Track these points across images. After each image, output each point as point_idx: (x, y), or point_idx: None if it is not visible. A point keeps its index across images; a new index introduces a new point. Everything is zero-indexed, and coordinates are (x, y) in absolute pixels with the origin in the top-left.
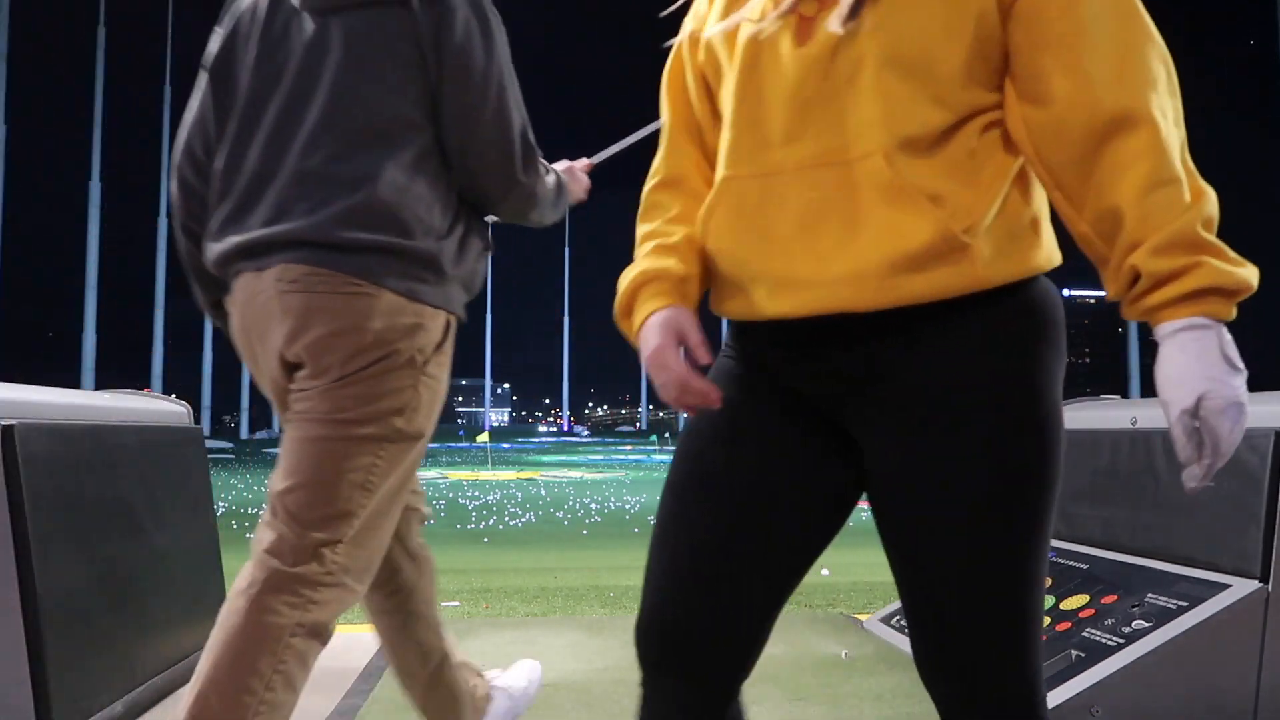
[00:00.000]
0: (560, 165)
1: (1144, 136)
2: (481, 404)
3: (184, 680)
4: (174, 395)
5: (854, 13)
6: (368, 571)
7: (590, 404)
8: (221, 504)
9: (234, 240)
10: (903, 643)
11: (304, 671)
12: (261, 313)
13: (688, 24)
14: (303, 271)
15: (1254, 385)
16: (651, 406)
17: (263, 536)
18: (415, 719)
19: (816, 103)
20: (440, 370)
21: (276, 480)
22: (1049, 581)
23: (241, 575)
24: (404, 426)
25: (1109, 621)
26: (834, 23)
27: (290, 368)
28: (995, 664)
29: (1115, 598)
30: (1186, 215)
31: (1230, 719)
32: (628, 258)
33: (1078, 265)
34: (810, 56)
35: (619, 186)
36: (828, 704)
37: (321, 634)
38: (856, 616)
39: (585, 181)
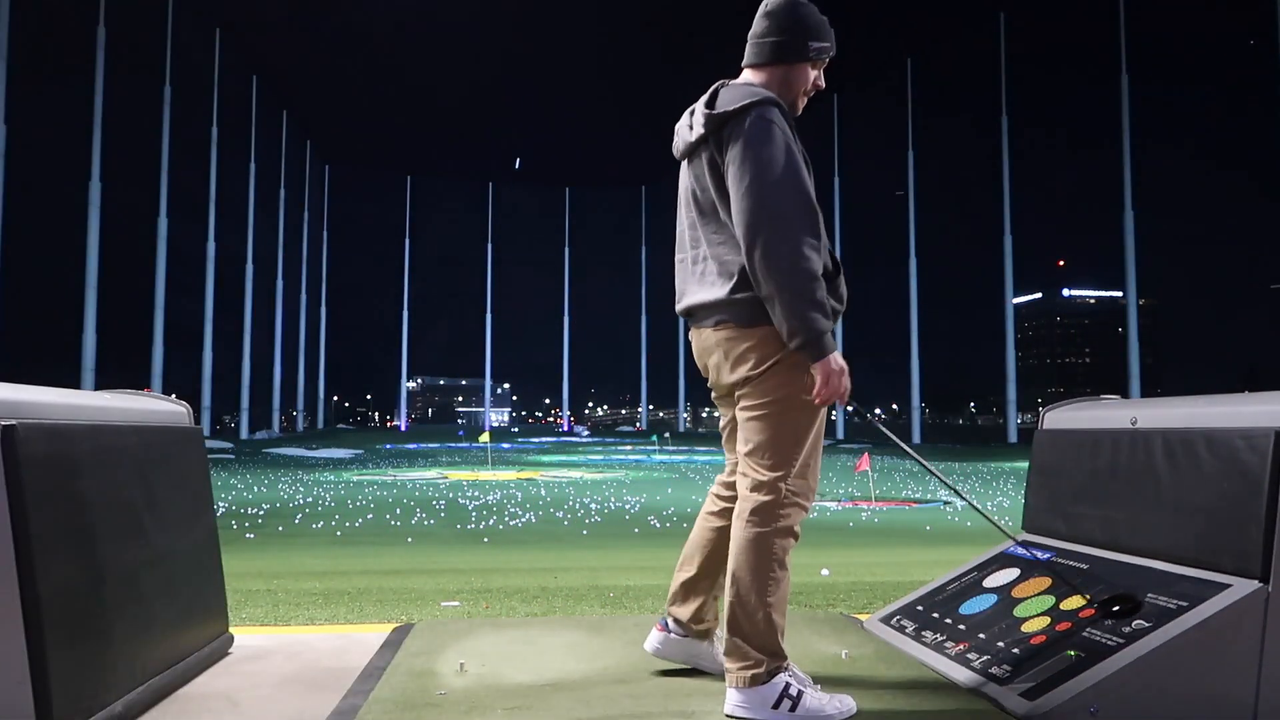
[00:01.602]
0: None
1: None
2: (481, 404)
3: (184, 680)
4: (174, 395)
5: None
6: (811, 492)
7: (590, 404)
8: (221, 504)
9: None
10: (903, 643)
11: (788, 558)
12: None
13: None
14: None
15: (1254, 385)
16: (651, 406)
17: (742, 483)
18: (415, 719)
19: None
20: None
21: (741, 445)
22: (1048, 582)
23: (738, 506)
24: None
25: (1109, 621)
26: None
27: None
28: None
29: None
30: None
31: (1230, 719)
32: (627, 258)
33: (1077, 266)
34: None
35: (619, 187)
36: None
37: (792, 534)
38: (856, 616)
39: (840, 380)
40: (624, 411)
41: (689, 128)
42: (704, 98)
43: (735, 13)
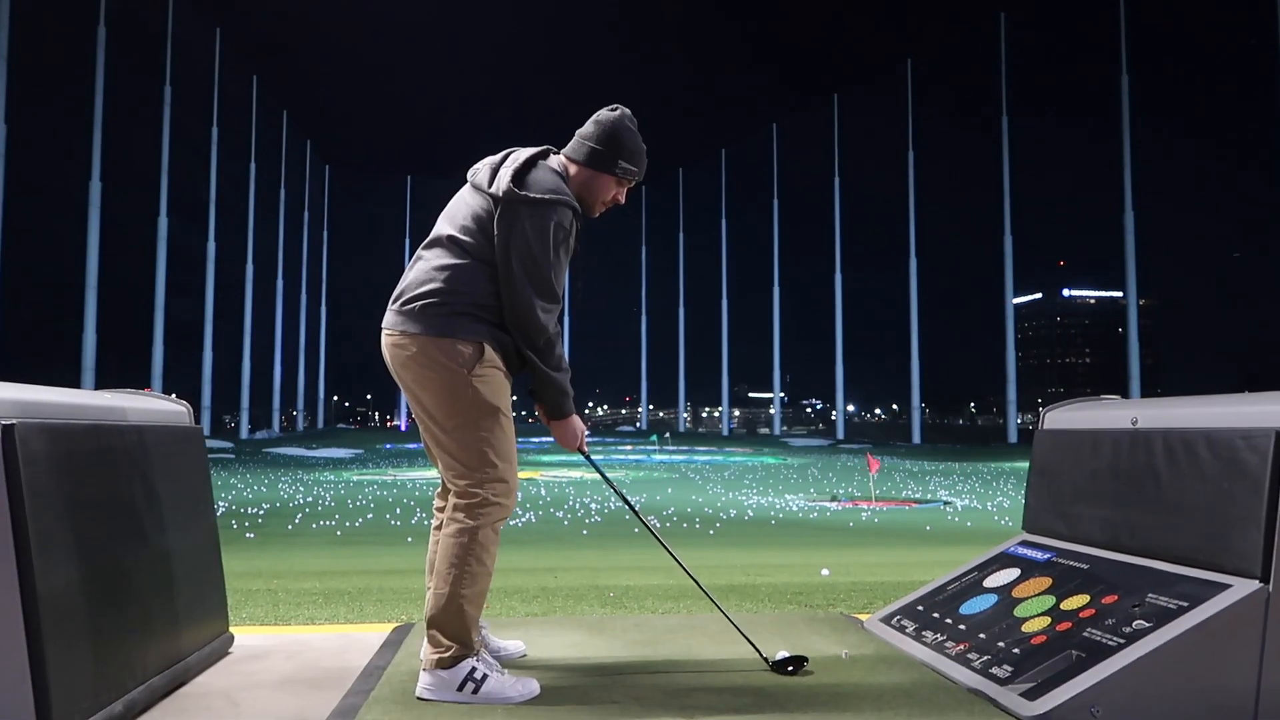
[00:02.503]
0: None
1: None
2: None
3: (184, 680)
4: (174, 395)
5: None
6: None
7: (591, 404)
8: (221, 504)
9: None
10: (903, 643)
11: (485, 555)
12: None
13: None
14: None
15: (1254, 385)
16: (651, 406)
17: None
18: (415, 719)
19: None
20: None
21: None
22: (1049, 582)
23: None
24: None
25: (1110, 621)
26: None
27: None
28: None
29: (1116, 598)
30: None
31: (1230, 719)
32: (629, 260)
33: (1077, 266)
34: None
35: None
36: (828, 704)
37: (490, 531)
38: (856, 616)
39: (576, 439)
40: (624, 411)
41: (492, 174)
42: (515, 162)
43: (730, 19)
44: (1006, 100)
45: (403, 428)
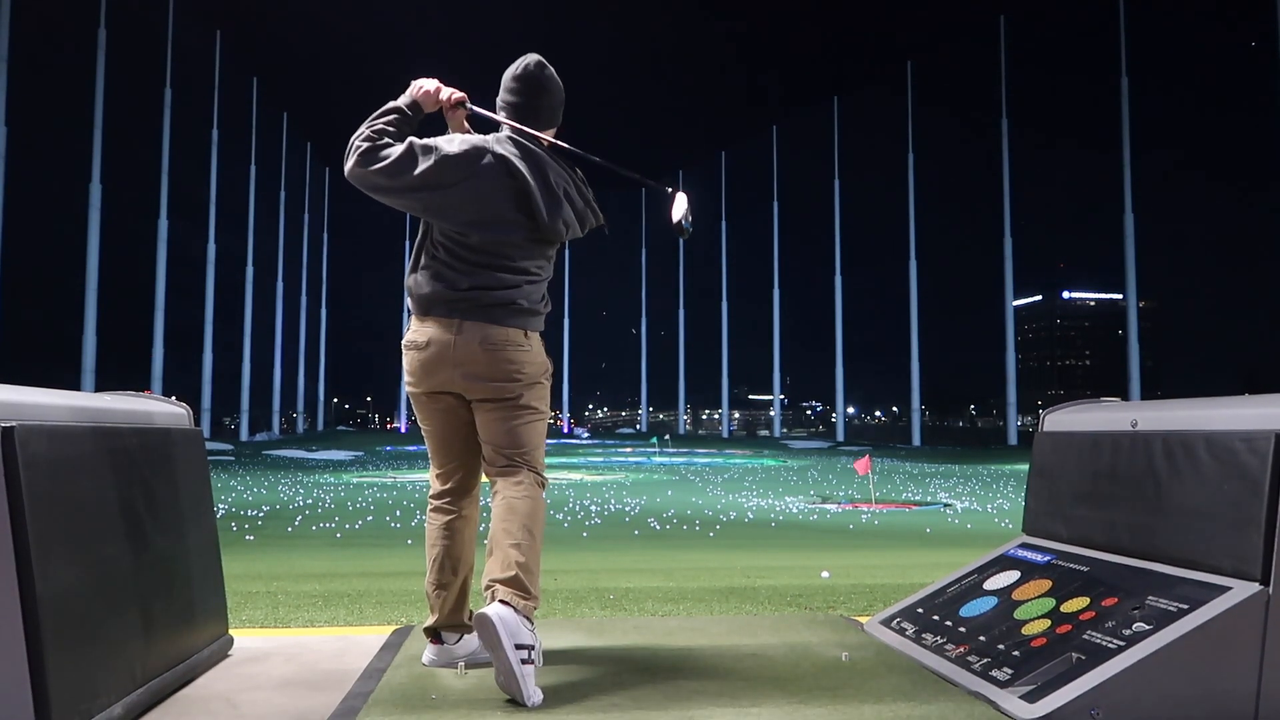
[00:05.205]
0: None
1: None
2: None
3: (184, 682)
4: (174, 397)
5: None
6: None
7: (590, 406)
8: (221, 506)
9: None
10: (903, 645)
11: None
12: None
13: None
14: None
15: (1254, 388)
16: (651, 409)
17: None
18: (414, 719)
19: None
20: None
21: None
22: (1049, 584)
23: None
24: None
25: (1110, 624)
26: None
27: None
28: None
29: (1116, 600)
30: None
31: None
32: (628, 260)
33: (1077, 268)
34: None
35: (617, 189)
36: (828, 706)
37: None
38: (856, 619)
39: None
40: (624, 414)
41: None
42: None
43: (730, 21)
44: (1006, 103)
45: (403, 429)
